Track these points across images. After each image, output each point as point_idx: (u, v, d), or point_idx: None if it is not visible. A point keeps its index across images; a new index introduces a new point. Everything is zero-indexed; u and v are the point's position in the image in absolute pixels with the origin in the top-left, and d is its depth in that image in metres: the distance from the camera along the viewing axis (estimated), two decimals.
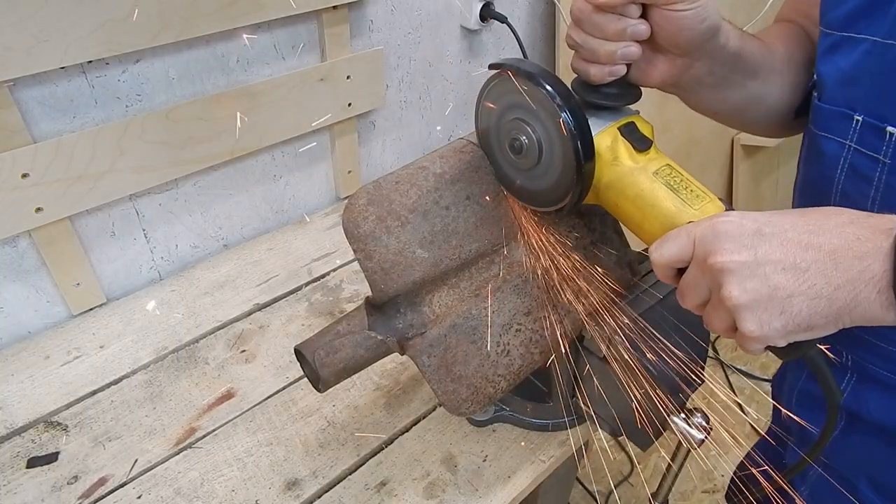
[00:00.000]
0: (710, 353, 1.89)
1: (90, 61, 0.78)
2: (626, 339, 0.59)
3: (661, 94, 0.55)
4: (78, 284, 0.88)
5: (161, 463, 0.71)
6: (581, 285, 0.63)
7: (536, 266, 0.61)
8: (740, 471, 0.88)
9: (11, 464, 0.71)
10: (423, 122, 1.25)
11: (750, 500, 0.67)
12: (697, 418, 0.60)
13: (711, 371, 1.86)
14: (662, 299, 0.63)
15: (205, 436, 0.74)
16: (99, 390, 0.79)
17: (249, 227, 1.07)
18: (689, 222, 0.48)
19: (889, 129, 0.50)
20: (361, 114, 1.09)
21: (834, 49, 0.54)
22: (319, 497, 0.68)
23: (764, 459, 0.81)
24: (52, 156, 0.77)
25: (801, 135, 0.64)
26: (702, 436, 0.60)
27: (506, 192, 0.60)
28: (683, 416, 0.61)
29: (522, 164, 0.55)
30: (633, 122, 0.53)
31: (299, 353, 0.59)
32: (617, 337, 0.59)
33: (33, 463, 0.71)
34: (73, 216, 0.84)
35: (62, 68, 0.76)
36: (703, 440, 0.60)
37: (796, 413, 0.68)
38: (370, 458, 0.72)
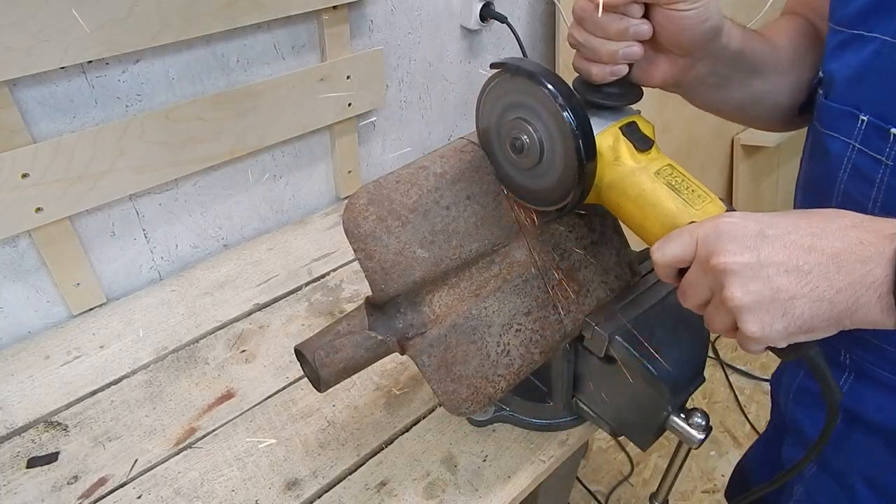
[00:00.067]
0: (710, 353, 1.89)
1: (90, 61, 0.78)
2: (626, 339, 0.59)
3: (661, 94, 0.55)
4: (78, 284, 0.88)
5: (161, 463, 0.71)
6: (581, 285, 0.63)
7: (537, 265, 0.61)
8: (740, 468, 0.88)
9: (11, 464, 0.71)
10: (423, 122, 1.25)
11: (749, 498, 0.67)
12: (697, 418, 0.60)
13: (711, 371, 1.86)
14: (662, 299, 0.63)
15: (205, 436, 0.74)
16: (99, 390, 0.79)
17: (249, 227, 1.07)
18: (691, 222, 0.48)
19: (893, 130, 0.50)
20: (361, 114, 1.09)
21: (843, 47, 0.53)
22: (319, 497, 0.68)
23: (762, 456, 0.81)
24: (52, 156, 0.77)
25: (803, 133, 0.63)
26: (702, 436, 0.60)
27: (506, 192, 0.60)
28: (683, 416, 0.61)
29: (523, 164, 0.54)
30: (634, 122, 0.53)
31: (299, 353, 0.59)
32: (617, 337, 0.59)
33: (33, 463, 0.71)
34: (73, 216, 0.84)
35: (62, 68, 0.76)
36: (703, 440, 0.60)
37: (794, 410, 0.67)
38: (370, 458, 0.72)
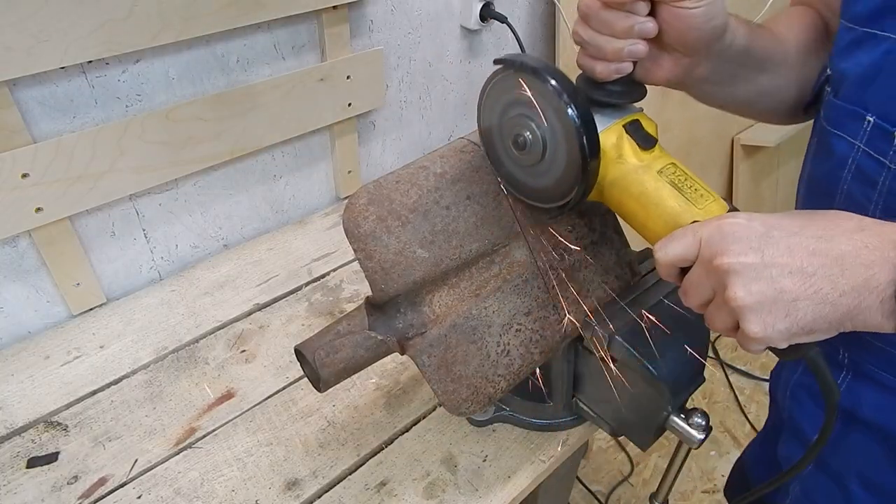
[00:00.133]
0: (710, 353, 1.89)
1: (90, 61, 0.78)
2: (626, 339, 0.59)
3: (661, 94, 0.55)
4: (78, 284, 0.88)
5: (161, 463, 0.71)
6: (581, 285, 0.63)
7: (537, 265, 0.61)
8: (738, 465, 0.88)
9: (11, 464, 0.71)
10: (423, 122, 1.25)
11: (749, 499, 0.67)
12: (697, 418, 0.60)
13: (711, 371, 1.86)
14: (662, 299, 0.63)
15: (205, 436, 0.74)
16: (99, 390, 0.79)
17: (249, 227, 1.07)
18: (694, 222, 0.48)
19: None
20: (361, 114, 1.09)
21: (855, 45, 0.52)
22: (319, 497, 0.68)
23: (760, 453, 0.81)
24: (52, 156, 0.77)
25: (804, 134, 0.63)
26: (702, 436, 0.60)
27: (504, 189, 0.59)
28: (683, 416, 0.61)
29: (526, 161, 0.54)
30: (637, 120, 0.53)
31: (299, 353, 0.59)
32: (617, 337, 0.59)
33: (33, 463, 0.71)
34: (73, 216, 0.84)
35: (62, 68, 0.76)
36: (703, 440, 0.60)
37: (791, 407, 0.67)
38: (370, 458, 0.72)
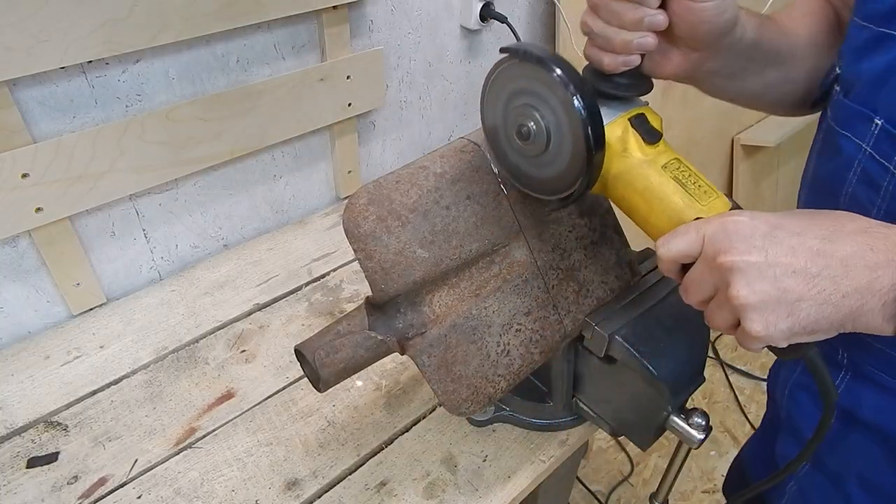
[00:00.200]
0: (710, 353, 1.89)
1: (90, 61, 0.78)
2: (626, 339, 0.59)
3: (661, 93, 0.54)
4: (78, 284, 0.88)
5: (161, 463, 0.71)
6: (581, 285, 0.63)
7: (537, 265, 0.61)
8: (737, 462, 0.88)
9: (11, 464, 0.71)
10: (423, 122, 1.25)
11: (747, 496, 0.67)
12: (697, 418, 0.60)
13: (711, 371, 1.86)
14: (662, 299, 0.63)
15: (205, 436, 0.74)
16: (99, 390, 0.79)
17: (249, 227, 1.07)
18: (697, 218, 0.47)
19: None
20: (361, 114, 1.09)
21: (868, 45, 0.51)
22: (319, 497, 0.68)
23: (757, 451, 0.81)
24: (52, 156, 0.77)
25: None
26: (702, 436, 0.60)
27: (504, 189, 0.59)
28: (683, 415, 0.61)
29: (529, 151, 0.53)
30: (643, 114, 0.52)
31: (299, 353, 0.59)
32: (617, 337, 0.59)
33: (33, 463, 0.71)
34: (73, 216, 0.84)
35: (62, 68, 0.76)
36: (703, 440, 0.60)
37: (790, 406, 0.67)
38: (370, 458, 0.72)
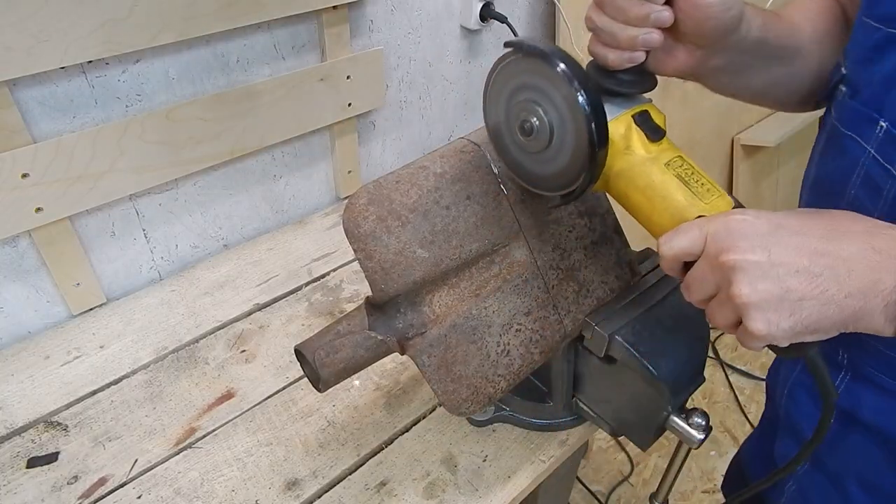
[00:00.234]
0: (710, 352, 1.89)
1: (90, 61, 0.78)
2: (626, 339, 0.59)
3: (661, 93, 0.54)
4: (78, 284, 0.88)
5: (161, 463, 0.71)
6: (581, 285, 0.63)
7: (537, 265, 0.61)
8: (735, 461, 0.88)
9: (11, 464, 0.71)
10: (423, 122, 1.25)
11: (745, 495, 0.67)
12: (697, 418, 0.60)
13: (711, 371, 1.86)
14: (662, 299, 0.63)
15: (205, 436, 0.74)
16: (99, 390, 0.79)
17: (249, 227, 1.07)
18: (700, 216, 0.47)
19: None
20: (361, 114, 1.09)
21: (880, 46, 0.50)
22: (319, 497, 0.68)
23: (756, 449, 0.81)
24: (52, 156, 0.77)
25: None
26: (702, 436, 0.60)
27: (501, 183, 0.59)
28: (683, 415, 0.61)
29: (531, 147, 0.52)
30: (647, 111, 0.52)
31: (299, 353, 0.59)
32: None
33: (33, 463, 0.71)
34: (73, 216, 0.84)
35: (62, 68, 0.76)
36: (703, 440, 0.60)
37: (789, 406, 0.67)
38: (370, 458, 0.72)
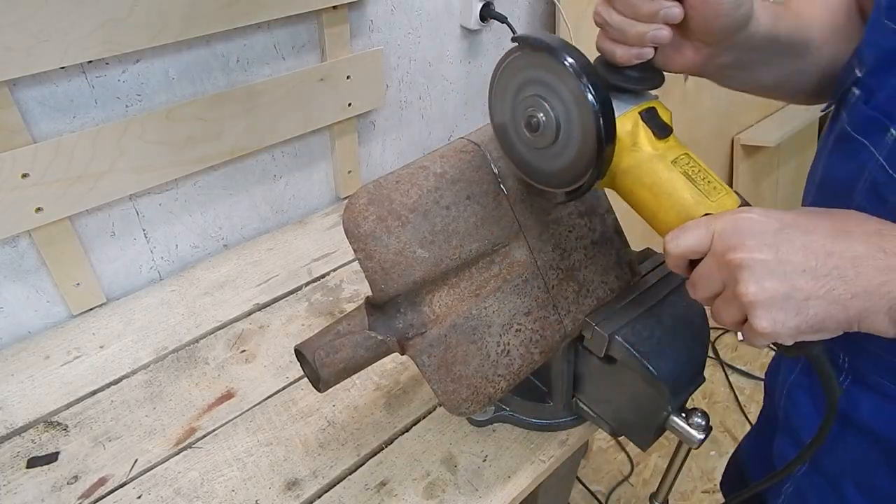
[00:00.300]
0: (710, 353, 1.89)
1: (90, 61, 0.78)
2: (626, 339, 0.59)
3: (662, 93, 0.54)
4: (78, 284, 0.88)
5: (161, 463, 0.71)
6: (581, 285, 0.63)
7: (537, 265, 0.61)
8: (734, 459, 0.88)
9: (11, 464, 0.71)
10: (423, 122, 1.25)
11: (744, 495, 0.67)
12: (697, 418, 0.60)
13: (711, 371, 1.86)
14: (662, 299, 0.63)
15: (205, 436, 0.74)
16: (99, 390, 0.79)
17: (249, 227, 1.07)
18: (706, 214, 0.47)
19: None
20: (361, 114, 1.09)
21: None
22: (319, 497, 0.68)
23: (754, 448, 0.81)
24: (52, 156, 0.77)
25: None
26: (702, 436, 0.60)
27: (501, 183, 0.59)
28: (683, 415, 0.61)
29: (537, 143, 0.52)
30: (654, 108, 0.51)
31: (299, 353, 0.59)
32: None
33: (33, 463, 0.71)
34: (73, 216, 0.84)
35: (62, 68, 0.76)
36: (703, 440, 0.60)
37: (787, 406, 0.67)
38: (370, 458, 0.72)
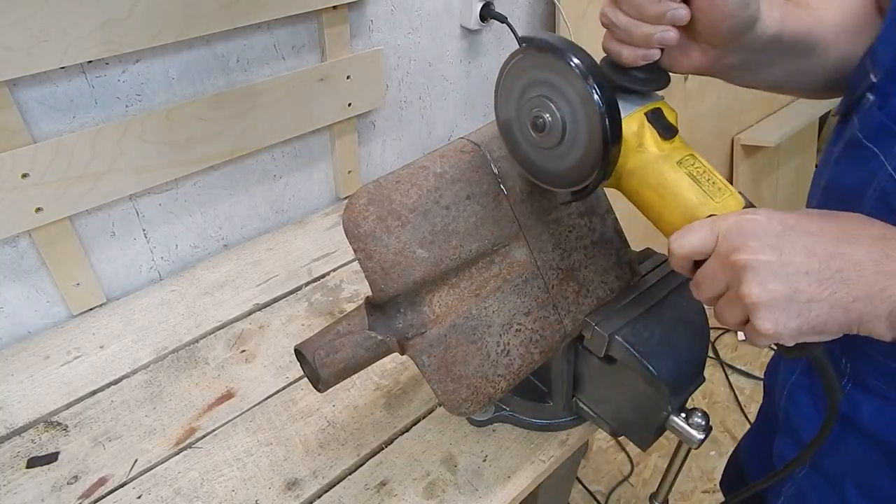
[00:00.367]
0: (710, 353, 1.89)
1: (90, 61, 0.78)
2: (626, 339, 0.59)
3: (661, 92, 0.54)
4: (78, 284, 0.88)
5: (161, 463, 0.71)
6: (581, 285, 0.63)
7: (537, 265, 0.61)
8: (734, 458, 0.88)
9: (11, 464, 0.71)
10: (423, 122, 1.25)
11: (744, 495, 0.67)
12: (697, 418, 0.60)
13: (711, 371, 1.86)
14: (662, 299, 0.63)
15: (205, 436, 0.74)
16: (99, 390, 0.79)
17: (249, 227, 1.07)
18: (711, 215, 0.47)
19: None
20: (361, 114, 1.09)
21: None
22: (319, 497, 0.68)
23: (753, 446, 0.81)
24: (52, 156, 0.77)
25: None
26: (702, 436, 0.60)
27: (501, 183, 0.59)
28: (683, 415, 0.61)
29: (543, 143, 0.52)
30: (659, 108, 0.52)
31: (299, 353, 0.59)
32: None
33: (33, 463, 0.71)
34: (73, 216, 0.84)
35: (62, 68, 0.76)
36: (703, 440, 0.60)
37: (788, 406, 0.67)
38: (370, 458, 0.72)
